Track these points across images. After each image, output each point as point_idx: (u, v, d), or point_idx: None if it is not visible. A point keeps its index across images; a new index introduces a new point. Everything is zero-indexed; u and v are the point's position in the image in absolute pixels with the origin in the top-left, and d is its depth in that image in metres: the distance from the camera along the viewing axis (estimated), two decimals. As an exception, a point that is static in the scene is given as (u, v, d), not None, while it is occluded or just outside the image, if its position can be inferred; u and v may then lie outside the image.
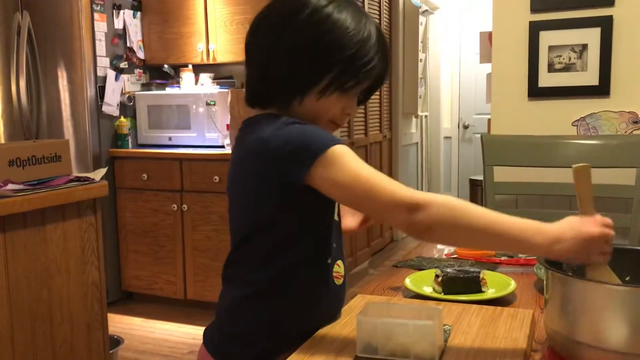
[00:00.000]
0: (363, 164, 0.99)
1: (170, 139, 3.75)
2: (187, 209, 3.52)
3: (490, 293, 1.26)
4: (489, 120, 2.73)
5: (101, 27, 3.62)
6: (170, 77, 3.98)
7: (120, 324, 3.43)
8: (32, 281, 1.84)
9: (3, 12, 3.42)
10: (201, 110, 3.64)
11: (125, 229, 3.72)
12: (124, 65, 3.79)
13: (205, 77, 3.85)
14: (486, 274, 1.31)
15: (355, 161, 0.99)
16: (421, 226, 0.94)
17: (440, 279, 1.27)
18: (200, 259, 3.54)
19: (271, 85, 1.10)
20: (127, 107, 3.83)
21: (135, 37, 3.87)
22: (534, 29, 2.48)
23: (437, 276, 1.29)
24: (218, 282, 1.19)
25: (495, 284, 1.30)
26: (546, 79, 2.49)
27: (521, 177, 2.30)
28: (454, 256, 1.58)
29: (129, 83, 3.85)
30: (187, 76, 3.83)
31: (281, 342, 1.07)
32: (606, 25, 2.38)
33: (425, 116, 6.34)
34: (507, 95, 2.58)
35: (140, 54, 3.93)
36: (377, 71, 1.09)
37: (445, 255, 1.60)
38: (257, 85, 1.12)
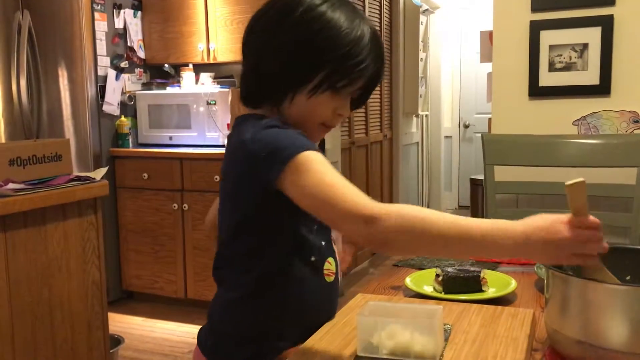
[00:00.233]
0: (330, 171, 0.96)
1: (170, 138, 3.75)
2: (187, 208, 3.52)
3: (490, 292, 1.26)
4: (489, 119, 2.73)
5: (102, 27, 3.62)
6: (171, 77, 3.98)
7: (121, 323, 3.44)
8: (33, 280, 1.84)
9: (3, 11, 3.42)
10: (202, 109, 3.64)
11: (126, 228, 3.72)
12: (124, 64, 3.79)
13: (205, 77, 3.85)
14: (487, 273, 1.31)
15: (322, 168, 0.96)
16: (378, 239, 0.91)
17: (440, 278, 1.28)
18: (201, 258, 3.54)
19: (262, 82, 1.09)
20: (128, 107, 3.83)
21: (135, 37, 3.87)
22: (535, 28, 2.48)
23: (437, 275, 1.29)
24: (218, 281, 1.19)
25: (496, 283, 1.30)
26: (547, 78, 2.49)
27: (522, 177, 2.30)
28: (455, 255, 1.57)
29: (130, 82, 3.85)
30: (187, 75, 3.83)
31: (275, 342, 1.07)
32: (607, 25, 2.38)
33: (426, 115, 6.34)
34: (507, 95, 2.58)
35: (141, 54, 3.93)
36: (369, 72, 1.08)
37: (446, 254, 1.60)
38: (249, 83, 1.12)
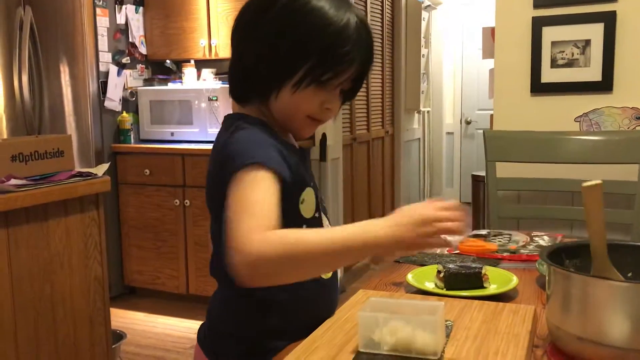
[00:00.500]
0: (255, 193, 0.90)
1: (172, 134, 3.75)
2: (189, 204, 3.53)
3: (492, 289, 1.26)
4: (491, 115, 2.73)
5: (103, 22, 3.62)
6: (173, 73, 3.98)
7: (123, 318, 3.44)
8: (35, 276, 1.85)
9: (5, 7, 3.42)
10: (203, 105, 3.64)
11: (128, 224, 3.73)
12: (126, 60, 3.79)
13: (207, 73, 3.85)
14: (488, 270, 1.31)
15: (249, 187, 0.91)
16: (242, 273, 0.86)
17: (442, 274, 1.27)
18: (203, 254, 3.54)
19: (247, 77, 1.06)
20: (130, 103, 3.83)
21: (137, 33, 3.87)
22: (537, 25, 2.48)
23: (439, 272, 1.29)
24: (220, 277, 1.20)
25: (497, 279, 1.30)
26: (549, 75, 2.49)
27: (523, 173, 2.30)
28: (456, 252, 1.58)
29: (131, 78, 3.85)
30: (189, 71, 3.83)
31: (273, 340, 1.06)
32: (609, 21, 2.37)
33: (428, 112, 6.34)
34: (509, 91, 2.57)
35: (143, 49, 3.92)
36: (356, 63, 1.03)
37: (448, 251, 1.60)
38: (234, 78, 1.09)
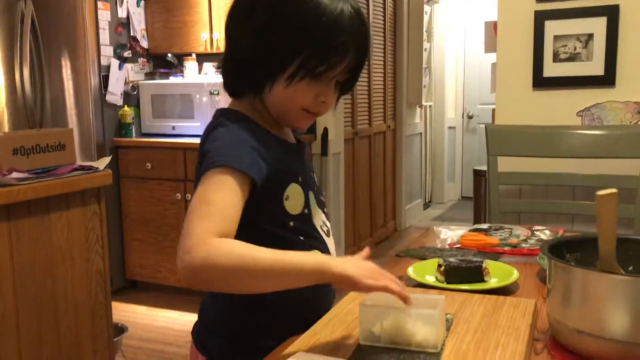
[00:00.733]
0: (216, 194, 0.92)
1: (173, 128, 3.75)
2: (190, 198, 3.52)
3: (492, 282, 1.26)
4: (493, 110, 2.73)
5: (105, 16, 3.61)
6: (174, 66, 3.98)
7: (124, 312, 3.45)
8: (37, 270, 1.85)
9: (6, 0, 3.42)
10: (205, 99, 3.64)
11: (129, 217, 3.73)
12: (127, 54, 3.79)
13: (208, 66, 3.85)
14: (489, 264, 1.31)
15: (211, 187, 0.93)
16: (184, 278, 0.89)
17: (443, 268, 1.27)
18: (204, 248, 3.54)
19: (239, 70, 1.04)
20: (131, 96, 3.83)
21: (138, 26, 3.86)
22: (539, 19, 2.47)
23: (439, 265, 1.29)
24: (221, 271, 1.19)
25: (498, 273, 1.30)
26: (551, 69, 2.48)
27: (525, 168, 2.30)
28: (457, 246, 1.58)
29: (133, 72, 3.85)
30: (190, 65, 3.83)
31: (264, 339, 1.05)
32: (612, 15, 2.36)
33: (430, 106, 6.33)
34: (511, 85, 2.57)
35: (144, 43, 3.92)
36: (350, 54, 1.00)
37: (449, 245, 1.60)
38: (227, 71, 1.08)
